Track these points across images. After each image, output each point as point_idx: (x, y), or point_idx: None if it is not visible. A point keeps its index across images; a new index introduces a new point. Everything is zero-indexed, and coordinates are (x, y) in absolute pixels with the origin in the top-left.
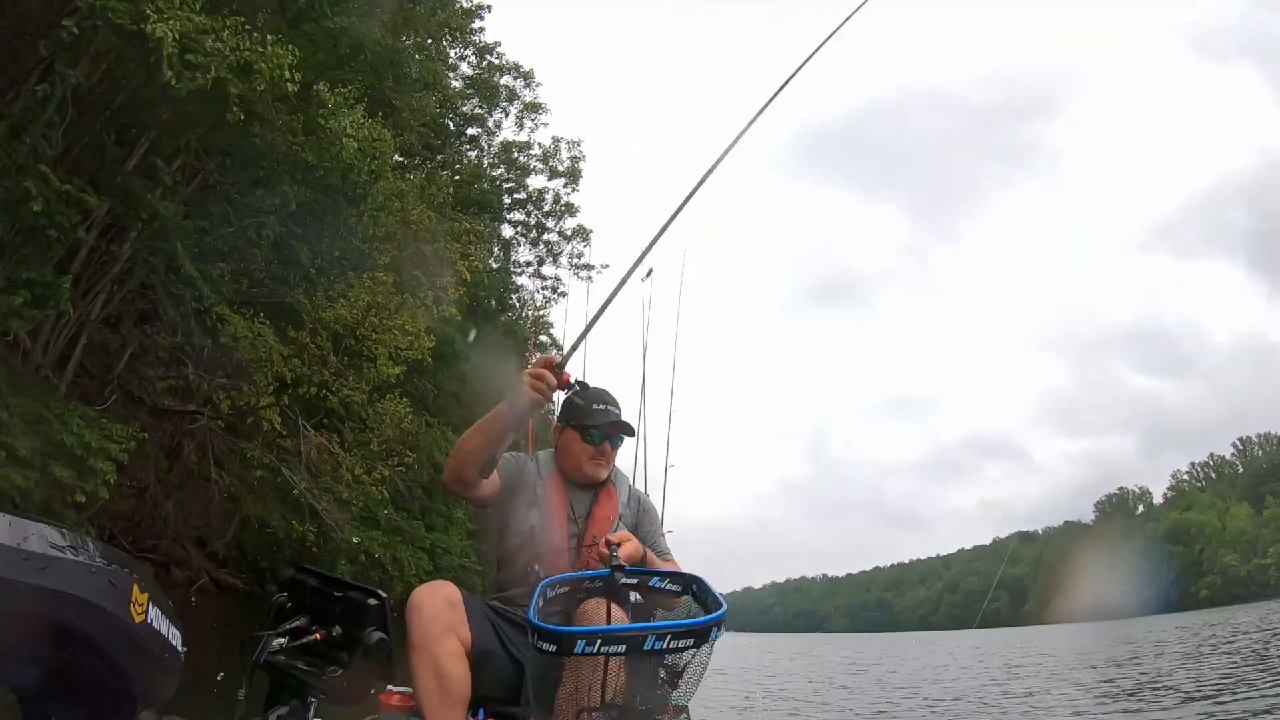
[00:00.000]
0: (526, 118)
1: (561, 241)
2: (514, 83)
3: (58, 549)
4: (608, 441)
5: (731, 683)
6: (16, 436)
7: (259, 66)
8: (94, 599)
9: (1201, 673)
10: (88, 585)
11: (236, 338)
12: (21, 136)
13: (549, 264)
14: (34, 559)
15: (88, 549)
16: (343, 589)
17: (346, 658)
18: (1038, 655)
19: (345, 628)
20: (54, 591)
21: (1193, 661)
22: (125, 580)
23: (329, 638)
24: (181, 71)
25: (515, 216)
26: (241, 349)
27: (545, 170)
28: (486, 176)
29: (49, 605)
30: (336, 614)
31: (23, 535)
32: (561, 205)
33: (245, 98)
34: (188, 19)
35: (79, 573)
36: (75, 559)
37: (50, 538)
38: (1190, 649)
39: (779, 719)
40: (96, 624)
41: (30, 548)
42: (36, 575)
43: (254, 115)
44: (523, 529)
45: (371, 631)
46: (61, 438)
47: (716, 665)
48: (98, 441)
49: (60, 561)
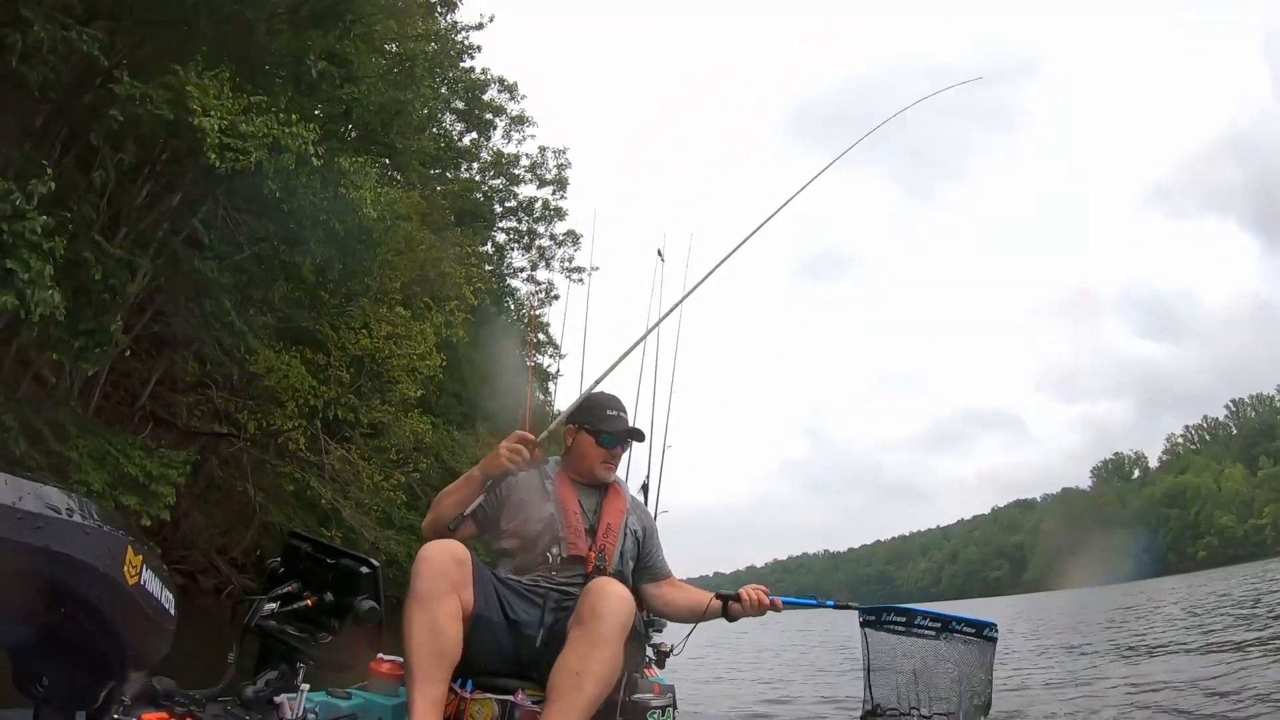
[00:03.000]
0: (514, 130)
1: (553, 246)
2: (499, 96)
3: (53, 509)
4: (619, 446)
5: (722, 657)
6: (89, 472)
7: (286, 143)
8: (88, 560)
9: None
10: (82, 546)
11: (269, 369)
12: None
13: (541, 268)
14: (29, 518)
15: (83, 510)
16: (335, 556)
17: (337, 624)
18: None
19: (337, 595)
20: (48, 551)
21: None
22: (120, 542)
23: (320, 604)
24: (224, 153)
25: (507, 224)
26: (271, 379)
27: (534, 180)
28: (479, 188)
29: (43, 564)
30: (329, 581)
31: (18, 494)
32: (551, 210)
33: (279, 172)
34: (225, 109)
35: (74, 533)
36: (70, 519)
37: (46, 497)
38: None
39: (758, 689)
40: (90, 585)
41: (25, 507)
42: (31, 534)
43: (288, 190)
44: (543, 516)
45: (363, 599)
46: (127, 469)
47: (708, 640)
48: (158, 469)
49: (55, 521)
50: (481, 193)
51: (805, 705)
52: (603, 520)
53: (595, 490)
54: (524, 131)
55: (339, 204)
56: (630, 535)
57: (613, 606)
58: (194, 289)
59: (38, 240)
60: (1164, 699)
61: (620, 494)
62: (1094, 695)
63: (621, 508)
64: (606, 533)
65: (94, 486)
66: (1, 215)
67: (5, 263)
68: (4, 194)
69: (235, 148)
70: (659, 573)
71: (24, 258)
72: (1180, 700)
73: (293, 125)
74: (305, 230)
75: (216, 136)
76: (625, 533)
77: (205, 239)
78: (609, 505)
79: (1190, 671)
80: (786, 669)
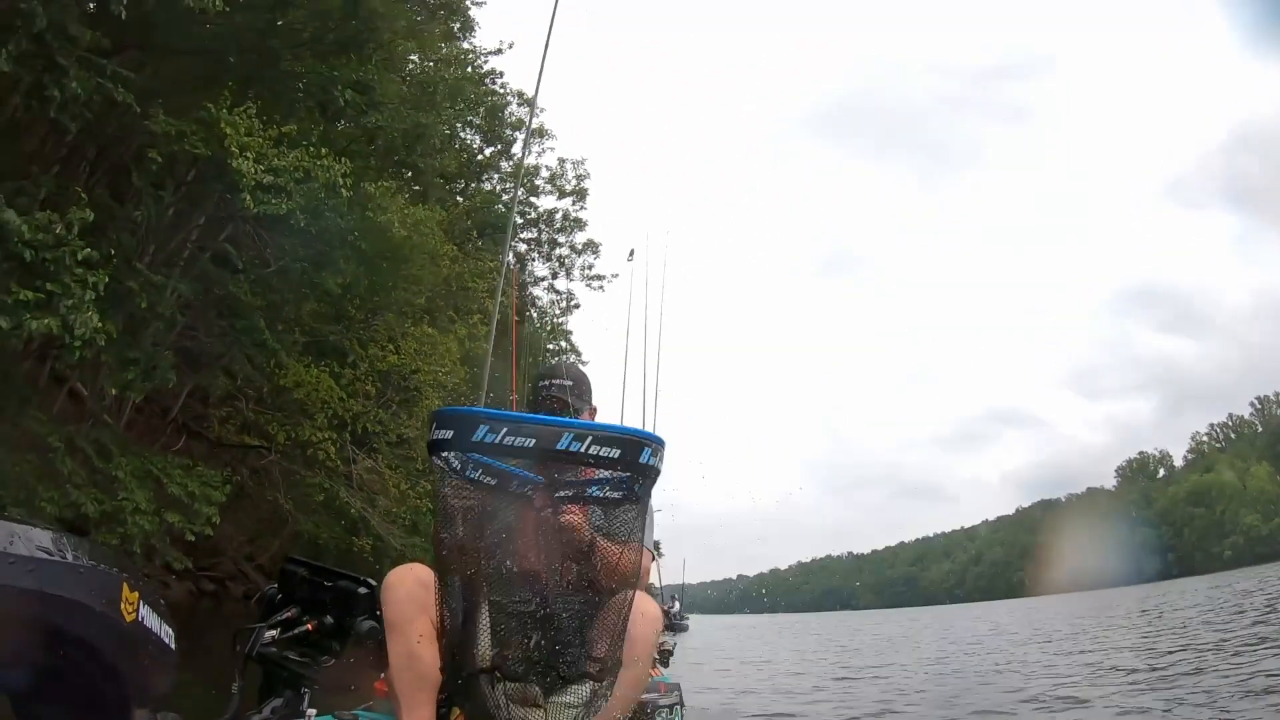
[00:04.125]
0: (533, 143)
1: (572, 255)
2: (519, 109)
3: (44, 551)
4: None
5: (739, 662)
6: (134, 490)
7: (317, 174)
8: (83, 599)
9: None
10: (76, 586)
11: (298, 384)
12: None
13: (562, 277)
14: (20, 562)
15: (75, 550)
16: (333, 578)
17: (339, 647)
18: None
19: (336, 617)
20: (43, 594)
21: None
22: (114, 580)
23: (321, 627)
24: (258, 195)
25: (527, 235)
26: (300, 392)
27: (554, 191)
28: (499, 200)
29: (38, 608)
30: (327, 603)
31: (9, 539)
32: (570, 221)
33: (308, 208)
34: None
35: (67, 574)
36: (63, 560)
37: (36, 540)
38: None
39: (776, 699)
40: (87, 625)
41: (16, 551)
42: (24, 579)
43: (315, 214)
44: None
45: (363, 620)
46: (170, 489)
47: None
48: (199, 489)
49: (47, 564)
50: (502, 205)
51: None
52: None
53: None
54: (543, 144)
55: (365, 225)
56: None
57: (643, 629)
58: (225, 307)
59: (79, 269)
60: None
61: None
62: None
63: None
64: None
65: (140, 505)
66: (44, 245)
67: (47, 286)
68: (45, 224)
69: (269, 186)
70: None
71: (65, 282)
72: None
73: (323, 158)
74: (332, 250)
75: (253, 178)
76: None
77: (238, 261)
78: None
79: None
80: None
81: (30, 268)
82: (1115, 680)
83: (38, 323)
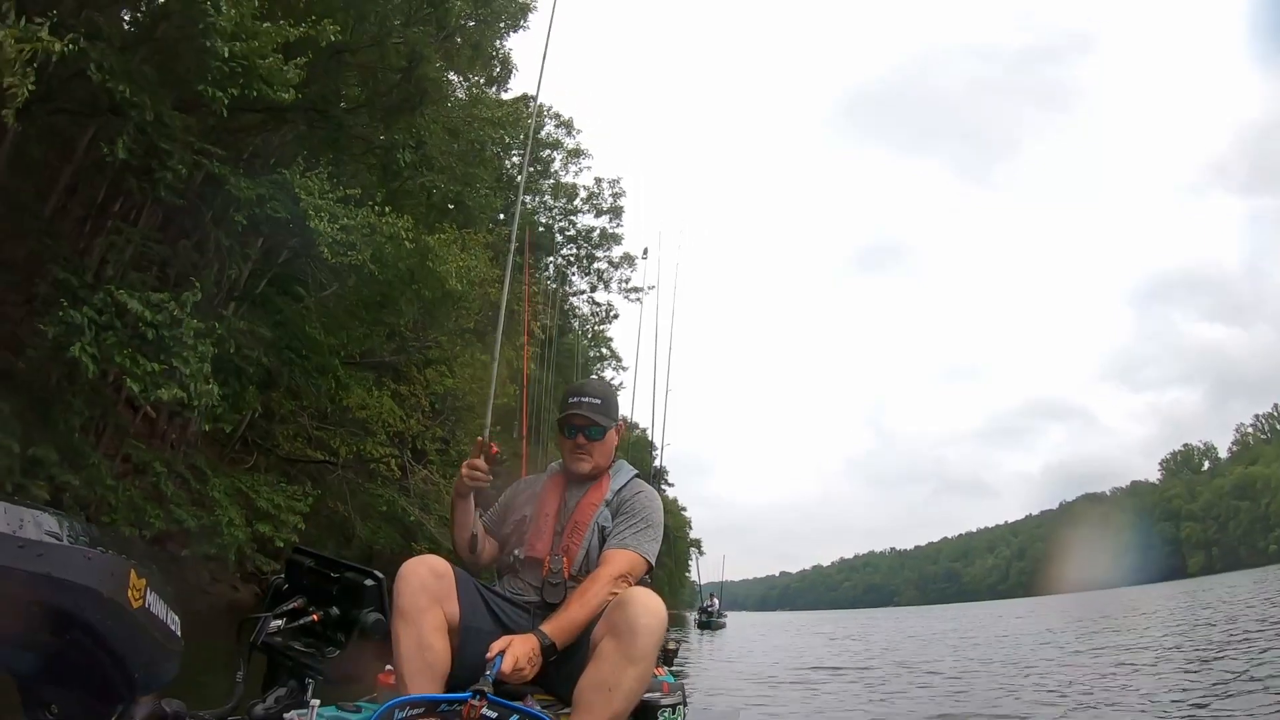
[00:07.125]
0: (571, 163)
1: (610, 269)
2: (556, 131)
3: (53, 535)
4: (582, 434)
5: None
6: (228, 508)
7: (382, 228)
8: (91, 585)
9: None
10: (84, 571)
11: (362, 405)
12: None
13: (600, 290)
14: (30, 546)
15: (84, 535)
16: (339, 570)
17: (344, 638)
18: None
19: (342, 609)
20: (50, 578)
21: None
22: (122, 566)
23: (326, 619)
24: (335, 249)
25: (567, 251)
26: (365, 412)
27: (591, 209)
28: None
29: (46, 591)
30: (334, 595)
31: (18, 522)
32: (609, 237)
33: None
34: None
35: (75, 559)
36: (71, 545)
37: (46, 524)
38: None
39: (805, 693)
40: (94, 610)
41: (26, 534)
42: (33, 562)
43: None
44: (516, 519)
45: (369, 612)
46: (259, 504)
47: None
48: (285, 501)
49: (56, 548)
50: (543, 224)
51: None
52: (571, 519)
53: (584, 485)
54: (580, 164)
55: (425, 273)
56: (598, 531)
57: (649, 623)
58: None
59: (193, 343)
60: None
61: (600, 488)
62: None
63: (595, 502)
64: (572, 532)
65: (233, 519)
66: (163, 324)
67: (171, 362)
68: (162, 304)
69: (343, 241)
70: (612, 545)
71: (184, 356)
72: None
73: (386, 214)
74: (394, 291)
75: (329, 235)
76: (593, 529)
77: (305, 295)
78: (583, 502)
79: None
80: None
81: (153, 343)
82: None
83: (168, 393)
